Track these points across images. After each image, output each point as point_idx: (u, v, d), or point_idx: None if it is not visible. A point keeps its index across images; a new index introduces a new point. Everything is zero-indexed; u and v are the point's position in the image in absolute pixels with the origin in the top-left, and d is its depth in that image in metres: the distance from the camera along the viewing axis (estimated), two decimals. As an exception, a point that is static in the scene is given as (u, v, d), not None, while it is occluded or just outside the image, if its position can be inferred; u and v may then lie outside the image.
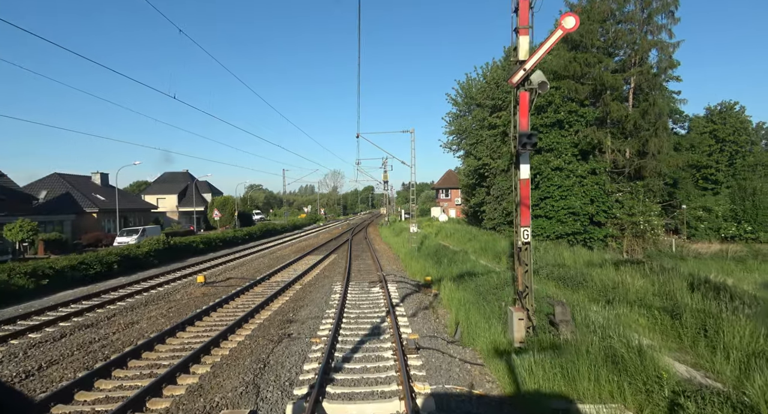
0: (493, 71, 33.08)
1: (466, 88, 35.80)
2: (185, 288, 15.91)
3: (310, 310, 12.18)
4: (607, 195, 26.01)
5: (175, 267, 21.96)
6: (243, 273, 19.54)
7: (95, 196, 40.57)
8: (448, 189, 66.51)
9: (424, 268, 18.88)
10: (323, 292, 14.60)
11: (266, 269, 20.53)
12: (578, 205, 24.90)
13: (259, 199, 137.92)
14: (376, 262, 21.43)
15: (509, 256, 18.11)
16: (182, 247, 26.89)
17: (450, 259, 19.10)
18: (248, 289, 15.41)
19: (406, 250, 25.21)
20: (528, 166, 8.73)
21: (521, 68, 8.41)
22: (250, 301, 13.43)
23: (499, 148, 29.78)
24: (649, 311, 8.97)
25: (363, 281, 16.84)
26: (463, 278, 15.39)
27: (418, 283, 16.95)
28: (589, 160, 26.65)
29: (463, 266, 17.53)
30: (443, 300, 13.60)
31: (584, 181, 25.89)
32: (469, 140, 32.62)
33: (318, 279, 17.64)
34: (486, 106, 32.63)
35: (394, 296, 13.94)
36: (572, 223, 25.30)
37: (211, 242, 30.79)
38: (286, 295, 14.53)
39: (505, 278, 13.56)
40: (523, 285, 8.65)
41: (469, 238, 26.24)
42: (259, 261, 23.87)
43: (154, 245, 23.87)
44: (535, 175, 26.72)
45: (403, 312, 11.84)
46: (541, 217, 26.36)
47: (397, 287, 15.49)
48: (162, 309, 12.67)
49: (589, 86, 26.10)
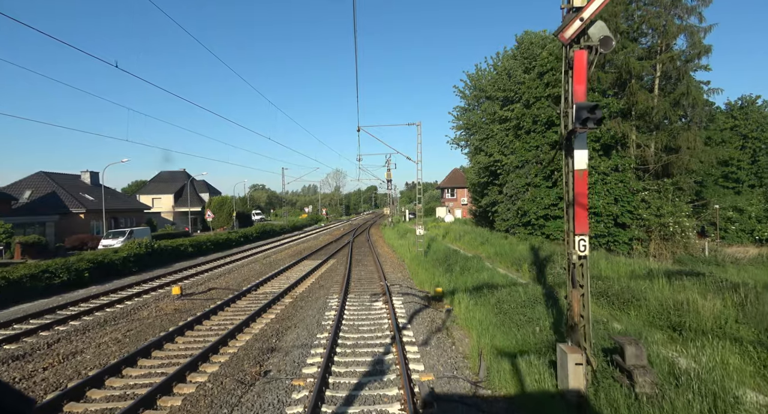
0: (505, 61, 30.78)
1: (475, 79, 33.53)
2: (157, 302, 13.73)
3: (298, 333, 9.97)
4: (633, 194, 23.68)
5: (158, 274, 19.81)
6: (229, 282, 17.35)
7: (83, 196, 38.50)
8: (453, 188, 64.16)
9: (434, 277, 16.67)
10: (316, 308, 12.39)
11: (256, 277, 18.34)
12: (601, 205, 22.58)
13: (261, 199, 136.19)
14: (378, 269, 19.22)
15: (532, 265, 15.84)
16: (168, 251, 24.74)
17: (463, 267, 16.85)
18: (230, 303, 13.22)
19: (411, 255, 22.98)
20: (585, 152, 6.46)
21: (576, 18, 6.12)
22: (228, 321, 11.23)
23: (511, 143, 27.49)
24: (742, 348, 6.69)
25: (364, 293, 14.62)
26: (481, 291, 13.15)
27: (427, 295, 14.75)
28: (611, 155, 24.33)
29: (479, 276, 15.27)
30: (459, 319, 11.38)
31: (607, 178, 23.57)
32: (479, 135, 30.33)
33: (312, 290, 15.43)
34: (497, 98, 30.35)
35: (400, 314, 11.72)
36: (594, 224, 22.97)
37: (202, 245, 28.65)
38: (272, 311, 12.32)
39: (533, 293, 11.29)
40: (578, 315, 6.39)
41: (482, 242, 23.96)
42: (250, 267, 21.69)
43: (135, 250, 21.72)
44: (551, 172, 24.49)
45: (412, 337, 9.62)
46: (560, 219, 24.04)
47: (404, 301, 13.27)
48: (120, 332, 10.48)
49: (612, 74, 23.78)
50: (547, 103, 25.04)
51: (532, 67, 27.90)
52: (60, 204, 35.44)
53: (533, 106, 25.79)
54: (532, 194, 24.89)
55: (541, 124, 25.17)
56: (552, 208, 24.07)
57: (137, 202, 48.77)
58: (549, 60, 25.49)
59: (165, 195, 60.20)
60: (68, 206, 35.85)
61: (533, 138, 25.83)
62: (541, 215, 24.11)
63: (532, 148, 25.80)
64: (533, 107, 25.71)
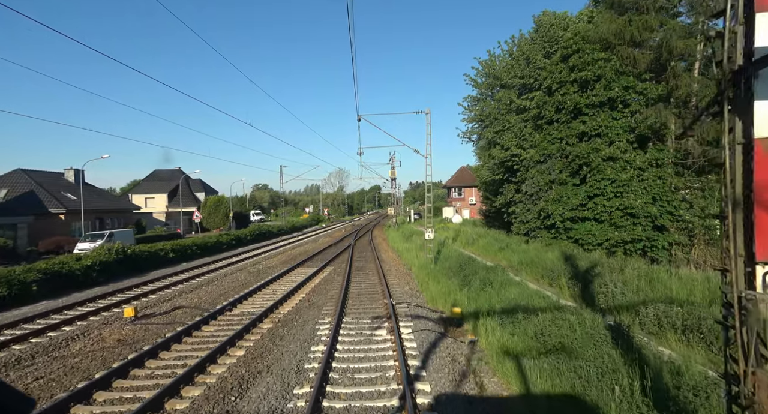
0: (522, 45, 27.81)
1: (488, 66, 30.55)
2: (102, 328, 10.90)
3: (270, 385, 7.10)
4: (673, 192, 20.66)
5: (127, 285, 17.04)
6: (202, 298, 14.51)
7: (65, 196, 35.86)
8: (461, 187, 61.13)
9: (448, 291, 13.80)
10: (301, 340, 9.53)
11: (237, 291, 15.51)
12: (639, 205, 19.58)
13: (264, 199, 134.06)
14: (382, 280, 16.36)
15: (571, 279, 12.90)
16: (145, 257, 21.94)
17: (484, 280, 13.94)
18: (193, 330, 10.39)
19: (420, 262, 20.10)
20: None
21: None
22: (180, 362, 8.38)
23: (530, 136, 24.53)
24: None
25: (363, 315, 11.75)
26: (513, 315, 10.25)
27: (441, 316, 11.91)
28: (647, 148, 21.32)
29: (506, 292, 12.36)
30: (489, 357, 8.50)
31: (643, 174, 20.58)
32: (493, 127, 27.35)
33: (300, 310, 12.56)
34: (513, 86, 27.38)
35: (411, 349, 8.85)
36: (631, 227, 19.98)
37: (186, 250, 25.84)
38: (243, 344, 9.47)
39: (591, 325, 8.33)
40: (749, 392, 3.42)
41: (500, 247, 21.01)
42: (234, 277, 18.85)
43: (102, 256, 18.95)
44: (579, 167, 21.52)
45: (429, 393, 6.74)
46: (589, 220, 21.08)
47: (414, 328, 10.40)
48: (27, 379, 7.65)
49: (649, 55, 20.77)
50: (574, 88, 22.07)
51: (553, 51, 24.96)
52: (38, 204, 32.82)
53: (556, 92, 22.82)
54: (557, 193, 21.91)
55: (566, 112, 22.19)
56: (580, 209, 21.10)
57: (126, 202, 46.14)
58: (574, 40, 22.52)
59: (159, 194, 57.64)
60: (47, 206, 33.24)
61: (556, 129, 22.86)
62: (567, 217, 21.13)
63: (555, 140, 22.82)
64: (556, 94, 22.73)
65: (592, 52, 21.56)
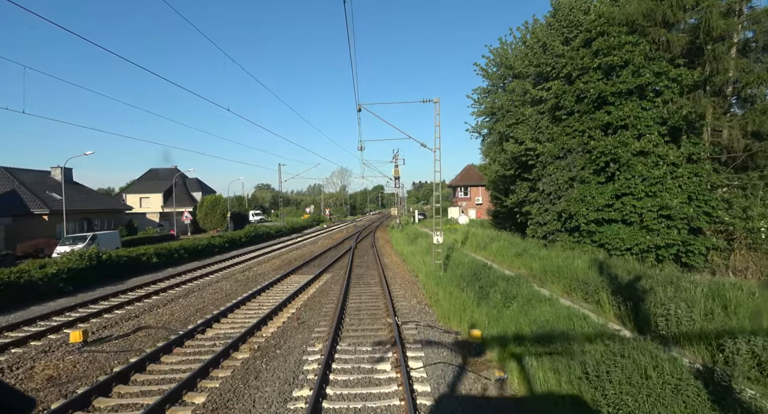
0: (537, 31, 25.59)
1: (500, 55, 28.34)
2: (39, 358, 8.81)
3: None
4: (710, 190, 18.45)
5: (98, 295, 15.00)
6: (174, 314, 12.42)
7: (49, 195, 33.91)
8: (467, 186, 58.86)
9: (463, 306, 11.67)
10: (281, 379, 7.44)
11: (217, 304, 13.44)
12: (676, 205, 17.37)
13: (266, 199, 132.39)
14: (385, 292, 14.24)
15: (614, 295, 10.72)
16: (123, 262, 19.89)
17: (505, 293, 11.80)
18: (149, 361, 8.31)
19: (427, 269, 17.96)
20: None
21: None
22: (120, 412, 6.29)
23: (547, 129, 22.30)
24: None
25: (363, 340, 9.63)
26: (550, 343, 8.12)
27: (457, 340, 9.83)
28: (680, 141, 19.10)
29: (534, 310, 10.23)
30: (526, 405, 6.41)
31: (677, 171, 18.38)
32: (505, 120, 25.13)
33: (287, 332, 10.45)
34: (528, 75, 25.17)
35: (423, 395, 6.75)
36: (665, 230, 17.76)
37: (173, 254, 23.79)
38: (207, 384, 7.37)
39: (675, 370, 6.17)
40: None
41: (517, 253, 18.81)
42: (218, 286, 16.78)
43: (72, 263, 16.94)
44: (606, 163, 19.33)
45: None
46: (617, 223, 18.89)
47: (425, 359, 8.32)
48: None
49: (684, 38, 18.55)
50: (598, 75, 19.88)
51: (573, 37, 22.73)
52: (19, 204, 30.87)
53: (577, 80, 20.61)
54: (580, 192, 19.71)
55: (589, 102, 20.00)
56: (606, 210, 18.91)
57: (117, 202, 44.21)
58: (599, 23, 20.32)
59: (154, 194, 55.73)
60: (29, 206, 31.29)
61: (577, 120, 20.66)
62: (591, 219, 18.94)
63: (576, 133, 20.62)
64: (578, 82, 20.52)
65: (619, 35, 19.37)
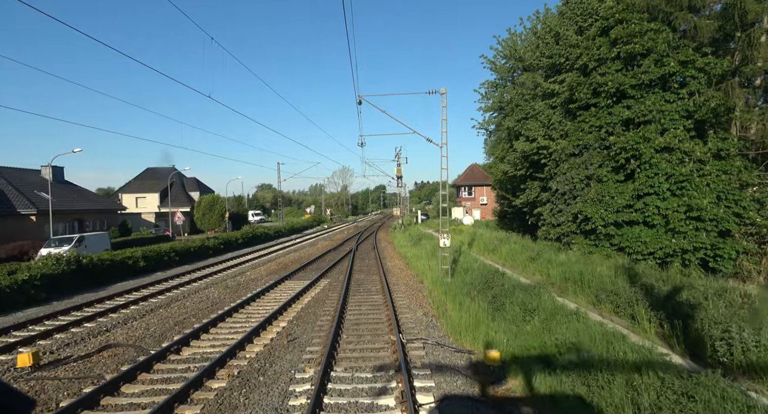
0: (548, 21, 24.17)
1: (509, 46, 26.88)
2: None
3: None
4: (741, 190, 16.98)
5: (73, 304, 13.68)
6: (150, 328, 11.04)
7: (38, 195, 32.62)
8: (471, 186, 57.38)
9: (476, 320, 10.26)
10: (260, 419, 6.05)
11: (200, 316, 12.06)
12: (706, 206, 15.91)
13: (266, 199, 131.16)
14: (387, 301, 12.84)
15: (653, 310, 9.26)
16: (107, 266, 18.55)
17: (524, 306, 10.41)
18: (104, 393, 6.93)
19: (433, 274, 16.58)
20: None
21: None
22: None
23: (560, 124, 20.89)
24: None
25: (362, 363, 8.24)
26: (588, 372, 6.74)
27: (471, 362, 8.49)
28: (707, 137, 17.64)
29: (560, 327, 8.83)
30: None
31: (704, 168, 16.91)
32: (515, 115, 23.69)
33: (273, 352, 9.05)
34: (539, 68, 23.74)
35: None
36: (693, 233, 16.29)
37: (162, 257, 22.43)
38: (169, 426, 5.99)
39: None
40: None
41: (530, 257, 17.38)
42: (205, 294, 15.40)
43: (48, 268, 15.60)
44: (627, 160, 17.89)
45: None
46: (638, 224, 17.45)
47: (436, 390, 6.98)
48: None
49: (713, 24, 17.13)
50: (616, 66, 18.45)
51: (588, 25, 21.32)
52: (5, 203, 29.61)
53: (594, 72, 19.17)
54: (597, 192, 18.27)
55: (607, 95, 18.57)
56: (627, 211, 17.47)
57: (110, 202, 42.94)
58: (617, 9, 18.89)
59: (150, 194, 54.44)
60: (15, 206, 30.01)
61: (594, 115, 19.22)
62: (610, 221, 17.49)
63: (592, 128, 19.18)
64: (594, 74, 19.09)
65: (640, 21, 17.93)
